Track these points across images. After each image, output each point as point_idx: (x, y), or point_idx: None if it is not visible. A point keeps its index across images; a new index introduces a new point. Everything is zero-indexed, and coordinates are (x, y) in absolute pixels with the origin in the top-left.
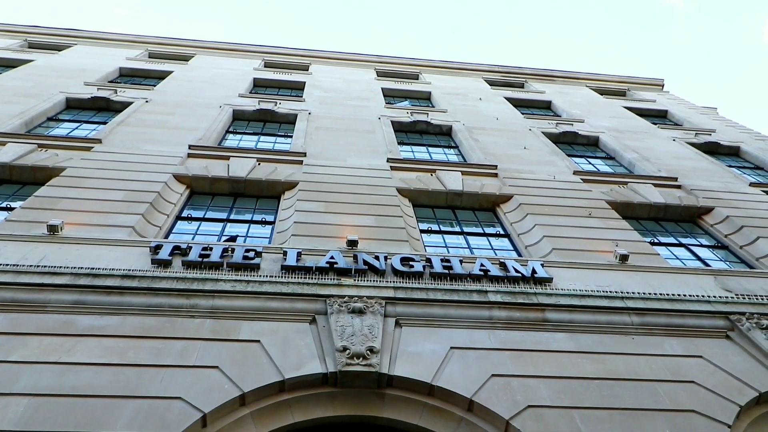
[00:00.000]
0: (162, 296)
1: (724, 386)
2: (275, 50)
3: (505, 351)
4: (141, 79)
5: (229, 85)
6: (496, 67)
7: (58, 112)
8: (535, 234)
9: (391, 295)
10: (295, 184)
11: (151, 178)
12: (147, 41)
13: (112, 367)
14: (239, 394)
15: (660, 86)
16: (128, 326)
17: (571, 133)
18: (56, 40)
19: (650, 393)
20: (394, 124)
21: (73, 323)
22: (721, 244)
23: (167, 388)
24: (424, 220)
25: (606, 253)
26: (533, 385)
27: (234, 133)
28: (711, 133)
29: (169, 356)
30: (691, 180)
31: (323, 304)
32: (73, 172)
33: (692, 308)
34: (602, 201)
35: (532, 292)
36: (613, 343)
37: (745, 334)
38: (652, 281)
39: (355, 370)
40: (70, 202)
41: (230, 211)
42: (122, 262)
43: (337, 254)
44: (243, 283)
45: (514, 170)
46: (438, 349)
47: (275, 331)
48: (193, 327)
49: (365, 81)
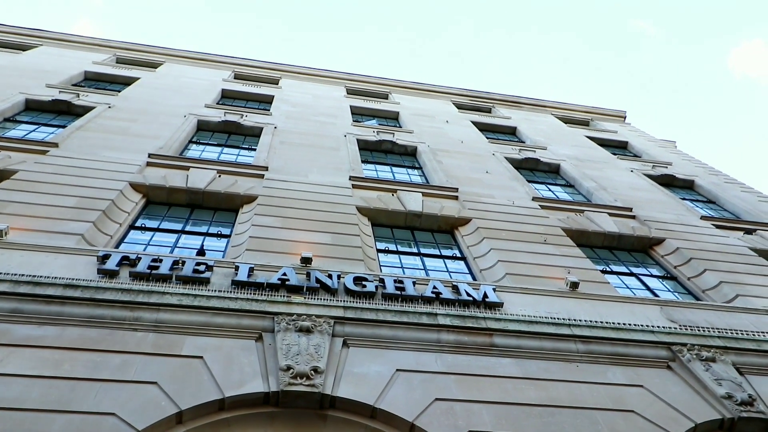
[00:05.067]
0: (105, 307)
1: (662, 416)
2: (246, 62)
3: (451, 375)
4: (106, 84)
5: (196, 94)
6: (465, 91)
7: (16, 113)
8: (491, 258)
9: (341, 314)
10: (255, 198)
11: (106, 186)
12: (115, 46)
13: (45, 379)
14: (176, 411)
15: (622, 117)
16: (67, 337)
17: (533, 159)
18: (21, 40)
19: (590, 421)
20: (360, 143)
21: (8, 332)
22: (670, 275)
23: (101, 403)
24: (382, 240)
25: (558, 280)
26: (476, 410)
27: (197, 143)
28: (668, 166)
29: (106, 370)
30: (645, 211)
31: (271, 321)
32: (25, 175)
33: (636, 338)
34: (558, 228)
35: (481, 317)
36: (558, 370)
37: (686, 365)
38: (600, 309)
39: (297, 390)
40: (19, 207)
41: (186, 223)
42: (67, 270)
43: (289, 271)
44: (190, 297)
45: (474, 194)
46: (383, 371)
47: (219, 347)
48: (134, 340)
49: (334, 98)
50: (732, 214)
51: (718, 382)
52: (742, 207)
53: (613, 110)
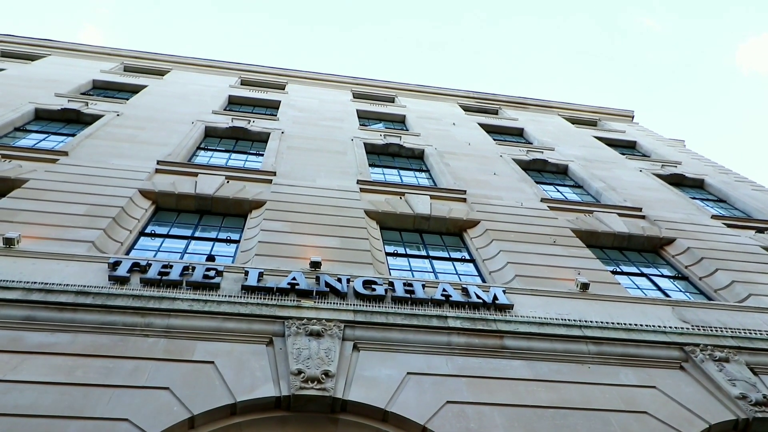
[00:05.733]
0: (116, 314)
1: (676, 417)
2: (252, 68)
3: (462, 377)
4: (114, 92)
5: (203, 101)
6: (472, 93)
7: (26, 123)
8: (500, 260)
9: (351, 318)
10: (263, 203)
11: (116, 193)
12: (123, 54)
13: (58, 386)
14: (188, 416)
15: (630, 117)
16: (79, 344)
17: (541, 160)
18: (30, 50)
19: (603, 423)
20: (367, 146)
21: (21, 339)
22: (681, 275)
23: (114, 409)
24: (390, 243)
25: (568, 281)
26: (488, 412)
27: (205, 149)
28: (677, 165)
29: (118, 376)
30: (655, 211)
31: (281, 325)
32: (36, 184)
33: (648, 338)
34: (567, 229)
35: (491, 319)
36: (570, 372)
37: (699, 365)
38: (611, 310)
39: (308, 394)
40: (30, 215)
41: (195, 229)
42: (78, 278)
43: (299, 275)
44: (200, 303)
45: (482, 196)
46: (394, 374)
47: (230, 352)
48: (146, 346)
49: (341, 102)
50: (743, 212)
51: (732, 382)
52: (753, 205)
53: (621, 110)
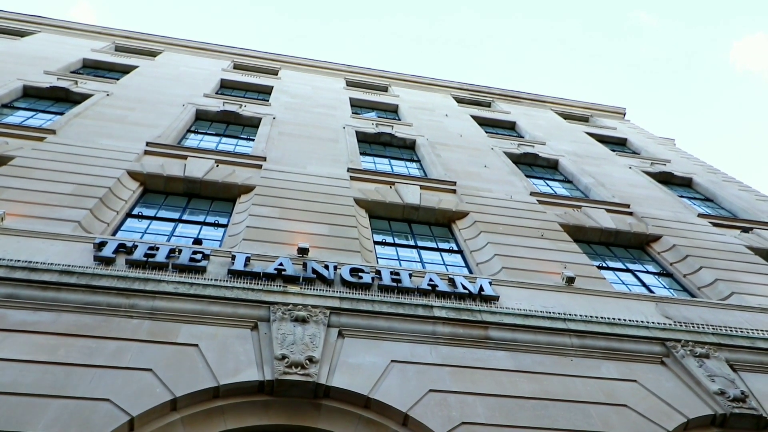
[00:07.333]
0: (100, 294)
1: (655, 411)
2: (246, 52)
3: (446, 367)
4: (105, 72)
5: (195, 84)
6: (465, 85)
7: (13, 100)
8: (487, 252)
9: (337, 305)
10: (252, 188)
11: (104, 173)
12: (114, 34)
13: (39, 364)
14: (171, 398)
15: (622, 114)
16: (62, 323)
17: (532, 154)
18: (20, 26)
19: (583, 415)
20: (359, 135)
21: (3, 318)
22: (666, 271)
23: (96, 389)
24: (379, 232)
25: (554, 275)
26: (470, 401)
27: (195, 132)
28: (666, 164)
29: (101, 356)
30: (642, 207)
31: (267, 310)
32: (23, 161)
33: (631, 333)
34: (555, 223)
35: (477, 310)
36: (552, 364)
37: (679, 360)
38: (595, 304)
39: (291, 379)
40: (16, 193)
41: (183, 212)
42: (63, 257)
43: (286, 261)
44: (186, 285)
45: (472, 187)
46: (378, 361)
47: (214, 335)
48: (130, 327)
49: (334, 89)
50: (729, 212)
51: (711, 378)
52: (740, 205)
53: (613, 107)
